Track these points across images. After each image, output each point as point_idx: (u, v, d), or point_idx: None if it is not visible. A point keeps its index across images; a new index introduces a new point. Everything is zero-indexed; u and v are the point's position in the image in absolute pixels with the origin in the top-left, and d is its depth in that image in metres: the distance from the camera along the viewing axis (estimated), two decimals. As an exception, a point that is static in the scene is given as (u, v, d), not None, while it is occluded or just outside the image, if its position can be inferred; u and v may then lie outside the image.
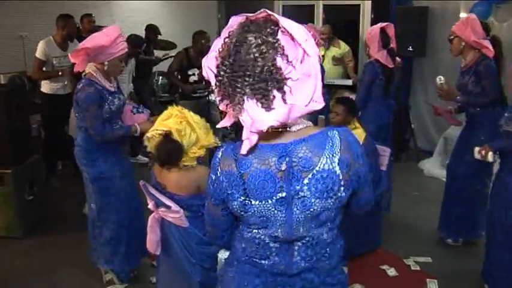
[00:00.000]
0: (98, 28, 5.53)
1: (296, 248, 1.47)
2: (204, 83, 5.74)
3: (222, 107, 1.36)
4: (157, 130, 2.49)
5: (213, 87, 1.36)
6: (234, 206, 1.44)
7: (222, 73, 1.32)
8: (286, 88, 1.29)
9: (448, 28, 5.49)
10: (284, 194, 1.38)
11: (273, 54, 1.28)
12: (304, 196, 1.37)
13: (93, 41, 3.07)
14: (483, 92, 3.63)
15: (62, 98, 5.10)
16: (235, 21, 1.37)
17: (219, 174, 1.46)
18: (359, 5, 6.94)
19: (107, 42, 3.05)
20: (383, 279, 3.57)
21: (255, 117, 1.29)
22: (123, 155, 3.47)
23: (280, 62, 1.28)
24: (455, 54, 3.78)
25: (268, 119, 1.28)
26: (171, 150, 2.45)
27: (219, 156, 1.46)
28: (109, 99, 3.17)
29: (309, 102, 1.30)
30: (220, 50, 1.33)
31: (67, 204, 4.76)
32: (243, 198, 1.41)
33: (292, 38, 1.30)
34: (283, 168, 1.36)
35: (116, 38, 3.08)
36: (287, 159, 1.36)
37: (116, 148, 3.35)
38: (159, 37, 7.08)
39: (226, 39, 1.34)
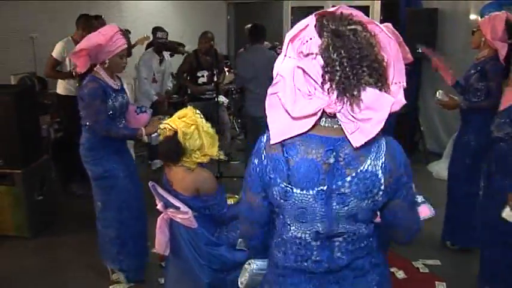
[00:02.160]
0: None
1: (336, 244, 1.47)
2: (212, 84, 5.77)
3: (323, 104, 1.32)
4: (168, 124, 2.52)
5: (322, 86, 1.31)
6: (275, 193, 1.44)
7: (339, 66, 1.28)
8: (387, 73, 1.35)
9: (457, 30, 5.47)
10: (325, 187, 1.38)
11: (377, 41, 1.33)
12: (344, 193, 1.37)
13: (89, 41, 3.10)
14: (487, 94, 3.61)
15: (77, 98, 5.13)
16: (310, 18, 1.35)
17: (263, 158, 1.45)
18: (368, 7, 6.94)
19: (103, 41, 3.07)
20: (392, 282, 3.54)
21: (378, 101, 1.29)
22: (126, 154, 3.48)
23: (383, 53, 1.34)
24: (474, 46, 3.75)
25: (400, 101, 1.34)
26: (170, 150, 2.49)
27: (264, 140, 1.46)
28: (113, 96, 3.20)
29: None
30: (326, 44, 1.30)
31: (77, 204, 4.79)
32: (285, 184, 1.40)
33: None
34: (330, 161, 1.36)
35: (112, 36, 3.10)
36: (334, 153, 1.36)
37: (119, 147, 3.37)
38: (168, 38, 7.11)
39: (325, 34, 1.30)
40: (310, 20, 1.34)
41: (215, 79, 5.78)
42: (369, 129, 1.29)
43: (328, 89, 1.30)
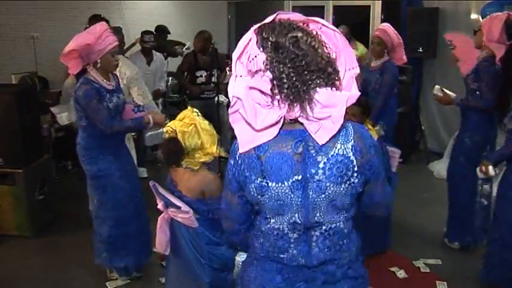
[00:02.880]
0: (115, 30, 5.57)
1: (314, 238, 1.49)
2: (211, 84, 5.77)
3: (283, 113, 1.37)
4: (169, 127, 2.53)
5: (274, 99, 1.36)
6: (251, 190, 1.47)
7: (286, 78, 1.33)
8: (336, 66, 1.38)
9: (458, 29, 5.47)
10: (300, 177, 1.42)
11: (321, 44, 1.36)
12: (319, 180, 1.41)
13: (77, 41, 3.07)
14: (479, 94, 3.62)
15: None
16: (251, 33, 1.39)
17: (237, 158, 1.50)
18: (369, 6, 6.94)
19: (91, 41, 3.04)
20: (392, 281, 3.56)
21: (333, 99, 1.35)
22: (124, 154, 3.47)
23: (328, 50, 1.38)
24: (476, 46, 3.74)
25: (354, 94, 1.38)
26: (170, 151, 2.49)
27: (238, 142, 1.49)
28: (107, 97, 3.19)
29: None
30: (269, 59, 1.35)
31: (77, 203, 4.78)
32: (260, 180, 1.44)
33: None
34: (299, 151, 1.41)
35: (100, 35, 3.07)
36: (303, 143, 1.41)
37: (116, 147, 3.36)
38: (168, 38, 7.12)
39: (268, 49, 1.35)
40: (252, 34, 1.38)
41: (213, 79, 5.78)
42: (330, 126, 1.35)
43: (279, 101, 1.36)
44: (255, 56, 1.36)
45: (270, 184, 1.44)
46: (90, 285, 3.57)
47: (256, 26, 1.39)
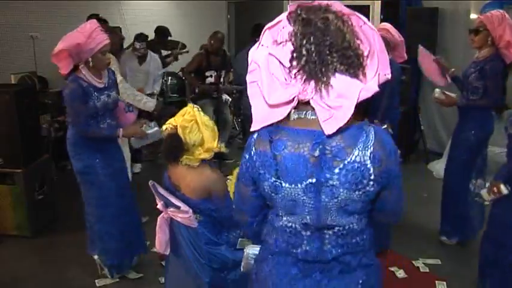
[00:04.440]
0: (112, 30, 5.54)
1: (327, 236, 1.48)
2: (220, 84, 5.78)
3: (296, 91, 1.34)
4: (169, 124, 2.51)
5: (291, 72, 1.35)
6: (265, 187, 1.47)
7: (306, 52, 1.32)
8: (365, 62, 1.35)
9: (458, 29, 5.47)
10: (314, 180, 1.39)
11: (351, 29, 1.34)
12: (333, 185, 1.38)
13: (66, 41, 3.06)
14: (484, 92, 3.64)
15: None
16: (288, 7, 1.39)
17: (252, 154, 1.48)
18: (368, 6, 6.93)
19: (81, 40, 3.03)
20: (392, 281, 3.56)
21: (349, 88, 1.31)
22: (112, 152, 3.48)
23: (356, 37, 1.35)
24: (477, 46, 3.72)
25: (371, 87, 1.32)
26: (171, 146, 2.46)
27: (255, 136, 1.49)
28: (95, 95, 3.19)
29: (376, 75, 1.36)
30: (295, 32, 1.34)
31: (77, 203, 4.77)
32: (274, 179, 1.43)
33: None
34: (316, 155, 1.37)
35: (90, 34, 3.06)
36: (320, 146, 1.37)
37: (103, 144, 3.37)
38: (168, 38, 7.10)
39: (296, 23, 1.34)
40: (288, 8, 1.39)
41: (221, 80, 5.79)
42: (341, 117, 1.31)
43: (295, 74, 1.33)
44: (283, 27, 1.36)
45: (283, 184, 1.42)
46: (89, 285, 3.56)
47: (294, 2, 1.38)
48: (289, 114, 1.40)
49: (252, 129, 1.45)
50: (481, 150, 3.87)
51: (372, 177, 1.38)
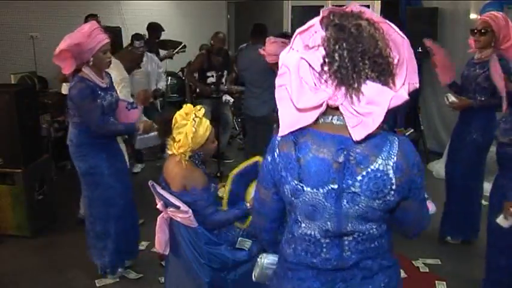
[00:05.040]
0: (106, 28, 5.52)
1: (346, 242, 1.47)
2: (221, 85, 5.77)
3: (326, 96, 1.33)
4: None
5: (321, 77, 1.33)
6: (286, 190, 1.46)
7: (338, 57, 1.31)
8: (395, 70, 1.34)
9: (457, 29, 5.46)
10: (336, 186, 1.38)
11: (383, 37, 1.33)
12: (354, 192, 1.37)
13: (67, 41, 3.06)
14: (493, 92, 3.62)
15: None
16: (321, 13, 1.38)
17: (276, 156, 1.48)
18: (368, 6, 6.92)
19: (81, 39, 3.04)
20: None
21: (379, 96, 1.30)
22: (115, 153, 3.49)
23: (387, 45, 1.34)
24: (481, 46, 3.70)
25: (401, 95, 1.31)
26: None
27: (279, 138, 1.48)
28: (101, 95, 3.20)
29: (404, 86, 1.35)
30: (328, 37, 1.33)
31: (77, 203, 4.78)
32: (296, 182, 1.42)
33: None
34: (340, 160, 1.37)
35: (90, 33, 3.07)
36: (345, 152, 1.36)
37: (107, 145, 3.38)
38: (168, 37, 7.08)
39: (330, 28, 1.33)
40: (321, 14, 1.37)
41: (223, 80, 5.78)
42: (370, 124, 1.30)
43: (326, 79, 1.32)
44: (315, 32, 1.35)
45: (305, 188, 1.41)
46: (89, 285, 3.56)
47: (326, 9, 1.37)
48: (316, 119, 1.39)
49: (280, 134, 1.44)
50: (488, 150, 3.89)
51: (394, 186, 1.37)
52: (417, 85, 1.38)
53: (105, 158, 3.33)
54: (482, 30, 3.64)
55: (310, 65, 1.33)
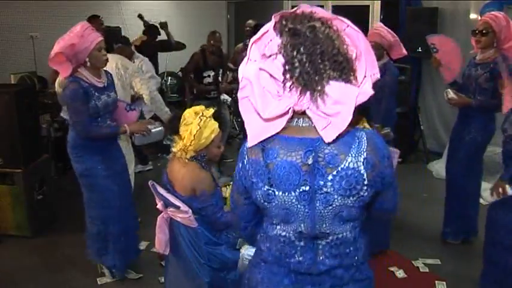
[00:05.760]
0: (108, 29, 5.52)
1: (320, 247, 1.48)
2: (218, 84, 5.76)
3: (291, 103, 1.33)
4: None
5: (285, 85, 1.33)
6: (258, 196, 1.46)
7: (298, 63, 1.31)
8: (355, 65, 1.34)
9: (457, 29, 5.46)
10: (307, 188, 1.38)
11: (338, 34, 1.33)
12: (327, 192, 1.38)
13: (61, 44, 3.05)
14: (493, 93, 3.63)
15: None
16: (272, 19, 1.37)
17: (245, 162, 1.48)
18: (368, 6, 6.93)
19: (75, 40, 3.04)
20: (392, 281, 3.56)
21: (345, 94, 1.30)
22: (113, 154, 3.47)
23: (347, 47, 1.34)
24: (483, 47, 3.69)
25: (366, 90, 1.32)
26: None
27: (247, 145, 1.47)
28: (95, 96, 3.19)
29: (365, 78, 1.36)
30: (284, 43, 1.32)
31: (76, 203, 4.78)
32: (267, 187, 1.43)
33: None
34: (309, 162, 1.37)
35: (82, 33, 3.06)
36: (313, 154, 1.37)
37: (104, 146, 3.36)
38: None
39: (284, 34, 1.33)
40: (272, 20, 1.36)
41: (220, 79, 5.77)
42: (339, 123, 1.30)
43: (290, 86, 1.32)
44: (270, 40, 1.34)
45: (276, 193, 1.42)
46: (89, 285, 3.57)
47: (277, 13, 1.36)
48: None
49: (248, 145, 1.44)
50: (485, 149, 3.92)
51: (366, 182, 1.38)
52: (378, 75, 1.38)
53: (101, 160, 3.32)
54: (483, 31, 3.64)
55: (271, 75, 1.33)
